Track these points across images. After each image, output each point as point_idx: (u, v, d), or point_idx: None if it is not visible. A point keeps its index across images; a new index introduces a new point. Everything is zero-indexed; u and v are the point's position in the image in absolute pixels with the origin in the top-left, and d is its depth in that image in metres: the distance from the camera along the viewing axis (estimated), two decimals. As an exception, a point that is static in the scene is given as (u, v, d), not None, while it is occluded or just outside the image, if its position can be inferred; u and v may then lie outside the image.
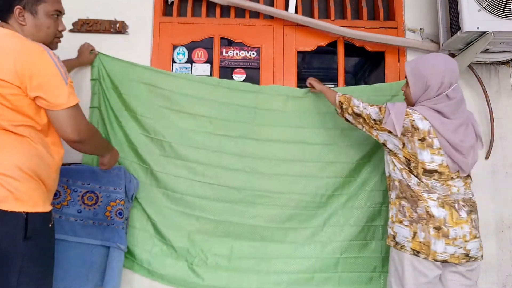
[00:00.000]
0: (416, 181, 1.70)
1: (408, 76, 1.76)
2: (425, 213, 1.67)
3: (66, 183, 2.00)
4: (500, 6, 2.01)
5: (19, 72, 1.36)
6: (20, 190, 1.37)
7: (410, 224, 1.69)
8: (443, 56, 1.79)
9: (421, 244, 1.65)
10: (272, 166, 2.17)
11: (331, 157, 2.19)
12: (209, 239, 2.13)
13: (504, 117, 2.36)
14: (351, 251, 2.13)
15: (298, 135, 2.20)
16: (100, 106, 2.21)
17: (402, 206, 1.74)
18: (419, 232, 1.66)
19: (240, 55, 2.46)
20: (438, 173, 1.68)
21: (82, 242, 1.98)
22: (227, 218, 2.13)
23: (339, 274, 2.12)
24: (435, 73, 1.69)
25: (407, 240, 1.68)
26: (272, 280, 2.10)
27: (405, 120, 1.69)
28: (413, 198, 1.70)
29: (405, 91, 1.83)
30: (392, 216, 1.78)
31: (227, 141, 2.18)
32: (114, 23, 2.35)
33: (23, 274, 1.36)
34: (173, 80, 2.23)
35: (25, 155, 1.41)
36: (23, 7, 1.49)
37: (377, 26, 2.47)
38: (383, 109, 1.75)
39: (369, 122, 1.81)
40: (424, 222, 1.66)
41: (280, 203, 2.15)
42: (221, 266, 2.11)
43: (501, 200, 2.31)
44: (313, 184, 2.17)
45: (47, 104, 1.41)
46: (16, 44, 1.40)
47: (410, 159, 1.71)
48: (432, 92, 1.70)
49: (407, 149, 1.70)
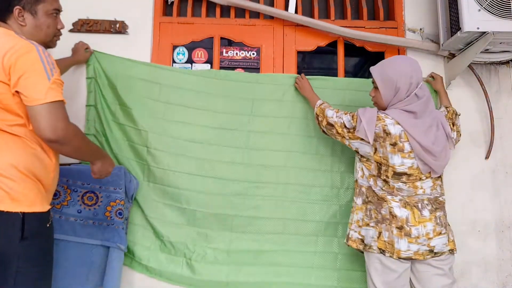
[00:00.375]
0: (381, 185, 1.77)
1: (377, 81, 1.80)
2: (388, 213, 1.74)
3: (66, 183, 2.00)
4: (500, 6, 2.01)
5: (6, 69, 1.35)
6: (16, 190, 1.37)
7: (376, 224, 1.77)
8: (406, 58, 1.86)
9: (386, 243, 1.73)
10: (270, 157, 2.17)
11: (329, 149, 2.20)
12: (207, 233, 2.12)
13: (504, 117, 2.36)
14: (350, 247, 2.12)
15: (296, 127, 2.20)
16: (96, 104, 2.21)
17: (368, 210, 1.82)
18: (384, 232, 1.74)
19: (240, 55, 2.46)
20: (407, 175, 1.73)
21: (82, 242, 1.98)
22: (225, 211, 2.13)
23: (338, 269, 2.12)
24: (403, 75, 1.73)
25: (373, 240, 1.76)
26: (271, 272, 2.11)
27: (377, 126, 1.72)
28: (378, 201, 1.78)
29: (375, 96, 1.86)
30: (358, 220, 1.85)
31: (224, 134, 2.18)
32: (114, 23, 2.35)
33: (20, 274, 1.35)
34: (170, 74, 2.23)
35: (21, 155, 1.40)
36: (22, 7, 1.48)
37: (377, 26, 2.47)
38: (355, 117, 1.79)
39: (341, 132, 1.85)
40: (388, 222, 1.74)
41: (278, 195, 2.15)
42: (219, 260, 2.11)
43: (501, 200, 2.31)
44: (312, 177, 2.17)
45: (25, 99, 1.36)
46: (7, 43, 1.38)
47: (381, 162, 1.75)
48: (402, 94, 1.74)
49: (379, 153, 1.75)
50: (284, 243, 2.13)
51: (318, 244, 2.14)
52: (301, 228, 2.15)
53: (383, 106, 1.82)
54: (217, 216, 2.13)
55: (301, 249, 2.13)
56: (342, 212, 2.16)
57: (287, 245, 2.13)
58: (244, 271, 2.11)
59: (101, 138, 2.19)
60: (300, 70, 2.58)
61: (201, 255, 2.11)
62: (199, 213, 2.13)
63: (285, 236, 2.14)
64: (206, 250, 2.11)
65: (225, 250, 2.12)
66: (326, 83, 2.24)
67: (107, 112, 2.19)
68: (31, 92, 1.35)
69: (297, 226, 2.15)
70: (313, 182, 2.17)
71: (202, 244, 2.12)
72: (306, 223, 2.15)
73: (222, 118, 2.20)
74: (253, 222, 2.14)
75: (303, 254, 2.13)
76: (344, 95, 2.22)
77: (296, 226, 2.15)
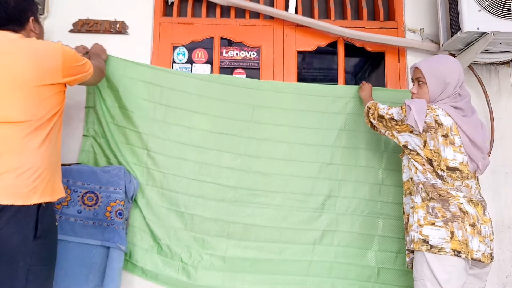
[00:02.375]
0: (440, 181, 1.67)
1: (426, 76, 1.76)
2: (458, 210, 1.62)
3: (66, 183, 2.00)
4: (500, 6, 2.01)
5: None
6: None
7: (445, 224, 1.61)
8: (451, 57, 1.86)
9: (461, 243, 1.58)
10: (268, 165, 2.17)
11: (328, 158, 2.18)
12: (204, 238, 2.12)
13: (504, 117, 2.36)
14: (346, 257, 2.12)
15: (295, 135, 2.19)
16: (95, 106, 2.20)
17: (431, 208, 1.66)
18: (456, 231, 1.59)
19: (240, 55, 2.46)
20: (459, 171, 1.67)
21: (82, 242, 1.98)
22: (223, 217, 2.13)
23: (333, 279, 2.10)
24: (454, 71, 1.73)
25: (445, 241, 1.59)
26: (267, 280, 2.10)
27: (428, 116, 1.68)
28: (442, 197, 1.65)
29: (417, 93, 1.81)
30: (419, 219, 1.67)
31: (224, 139, 2.17)
32: (114, 23, 2.35)
33: (31, 273, 1.40)
34: (171, 77, 2.22)
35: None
36: (34, 16, 1.60)
37: (377, 27, 2.47)
38: (403, 107, 1.74)
39: (390, 124, 1.81)
40: (460, 219, 1.61)
41: (275, 203, 2.14)
42: (215, 266, 2.10)
43: (501, 200, 2.31)
44: (310, 185, 2.16)
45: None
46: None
47: (432, 157, 1.68)
48: (450, 90, 1.73)
49: (429, 146, 1.68)
50: (281, 251, 2.12)
51: (314, 253, 2.13)
52: (298, 237, 2.13)
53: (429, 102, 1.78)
54: (214, 221, 2.13)
55: (297, 258, 2.12)
56: (339, 221, 2.15)
57: (283, 254, 2.12)
58: (240, 279, 2.10)
59: (100, 140, 2.18)
60: (300, 70, 2.58)
61: (197, 260, 2.10)
62: (196, 218, 2.12)
63: (282, 244, 2.12)
64: (202, 256, 2.10)
65: (221, 256, 2.11)
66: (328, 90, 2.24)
67: (106, 114, 2.18)
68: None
69: (293, 234, 2.13)
70: (311, 190, 2.16)
71: (199, 249, 2.11)
72: (303, 232, 2.14)
73: (223, 123, 2.18)
74: (250, 229, 2.13)
75: (299, 263, 2.11)
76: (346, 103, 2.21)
77: (293, 234, 2.13)
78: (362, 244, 2.13)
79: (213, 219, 2.13)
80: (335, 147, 2.19)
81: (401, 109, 1.76)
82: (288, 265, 2.11)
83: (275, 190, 2.15)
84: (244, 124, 2.19)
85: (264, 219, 2.13)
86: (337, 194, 2.17)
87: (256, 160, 2.17)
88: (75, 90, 2.24)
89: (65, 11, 2.37)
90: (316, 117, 2.20)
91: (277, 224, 2.13)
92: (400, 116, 1.76)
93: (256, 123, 2.20)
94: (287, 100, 2.22)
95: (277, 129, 2.19)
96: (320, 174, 2.17)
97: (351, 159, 2.18)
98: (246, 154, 2.17)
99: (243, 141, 2.18)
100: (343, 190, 2.17)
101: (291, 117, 2.21)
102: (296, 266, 2.11)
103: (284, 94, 2.22)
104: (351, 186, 2.17)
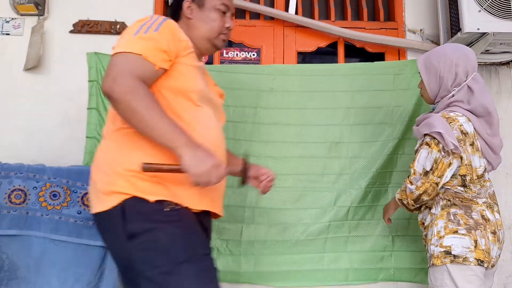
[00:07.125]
0: (463, 188, 1.56)
1: (421, 70, 1.66)
2: (480, 217, 1.53)
3: (66, 184, 2.00)
4: (500, 7, 2.01)
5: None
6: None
7: (468, 232, 1.50)
8: (456, 44, 1.70)
9: (484, 252, 1.49)
10: (278, 149, 2.17)
11: (337, 137, 2.18)
12: (219, 224, 2.11)
13: (504, 118, 2.36)
14: (360, 230, 2.14)
15: (303, 116, 2.19)
16: (98, 107, 2.20)
17: (453, 215, 1.54)
18: (480, 239, 1.50)
19: (241, 56, 2.46)
20: (482, 176, 1.59)
21: (82, 243, 1.98)
22: (236, 203, 2.13)
23: (349, 253, 2.13)
24: (447, 61, 1.59)
25: (469, 251, 1.49)
26: (283, 262, 2.11)
27: (454, 130, 1.52)
28: (464, 203, 1.55)
29: (421, 89, 1.74)
30: (439, 231, 1.54)
31: (231, 127, 2.16)
32: (115, 24, 2.36)
33: (144, 280, 1.17)
34: None
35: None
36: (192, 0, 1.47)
37: (377, 27, 2.47)
38: (430, 142, 1.53)
39: (429, 183, 1.54)
40: (482, 227, 1.51)
41: (288, 185, 2.15)
42: (232, 251, 2.12)
43: (501, 201, 2.30)
44: (321, 165, 2.17)
45: None
46: None
47: (466, 173, 1.54)
48: (448, 84, 1.59)
49: (464, 161, 1.54)
50: (296, 232, 2.13)
51: (329, 230, 2.14)
52: (312, 217, 2.15)
53: (430, 100, 1.69)
54: (228, 208, 2.13)
55: (314, 237, 2.13)
56: (353, 196, 2.15)
57: (299, 234, 2.13)
58: (256, 262, 2.11)
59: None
60: (300, 71, 2.57)
61: (213, 246, 2.11)
62: None
63: (297, 225, 2.14)
64: (218, 241, 2.11)
65: (237, 240, 2.13)
66: (332, 69, 2.23)
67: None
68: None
69: (308, 214, 2.14)
70: (322, 170, 2.16)
71: (214, 236, 2.12)
72: (317, 211, 2.15)
73: (228, 111, 2.18)
74: (264, 213, 2.14)
75: (315, 241, 2.13)
76: (351, 81, 2.20)
77: (307, 215, 2.14)
78: (375, 215, 2.15)
79: (226, 205, 2.12)
80: (344, 125, 2.18)
81: (425, 146, 1.54)
82: (304, 245, 2.12)
83: (287, 173, 2.15)
84: (250, 110, 2.19)
85: (278, 202, 2.14)
86: (349, 171, 2.17)
87: (265, 145, 2.17)
88: (78, 92, 2.25)
89: (65, 12, 2.36)
90: (322, 97, 2.20)
91: (291, 205, 2.14)
92: (430, 159, 1.53)
93: (263, 108, 2.19)
94: (291, 83, 2.21)
95: (284, 112, 2.19)
96: (331, 153, 2.17)
97: (360, 136, 2.18)
98: (254, 140, 2.17)
99: (251, 127, 2.18)
100: (354, 166, 2.17)
101: (297, 99, 2.20)
102: (312, 245, 2.12)
103: (287, 77, 2.21)
104: (362, 162, 2.17)
